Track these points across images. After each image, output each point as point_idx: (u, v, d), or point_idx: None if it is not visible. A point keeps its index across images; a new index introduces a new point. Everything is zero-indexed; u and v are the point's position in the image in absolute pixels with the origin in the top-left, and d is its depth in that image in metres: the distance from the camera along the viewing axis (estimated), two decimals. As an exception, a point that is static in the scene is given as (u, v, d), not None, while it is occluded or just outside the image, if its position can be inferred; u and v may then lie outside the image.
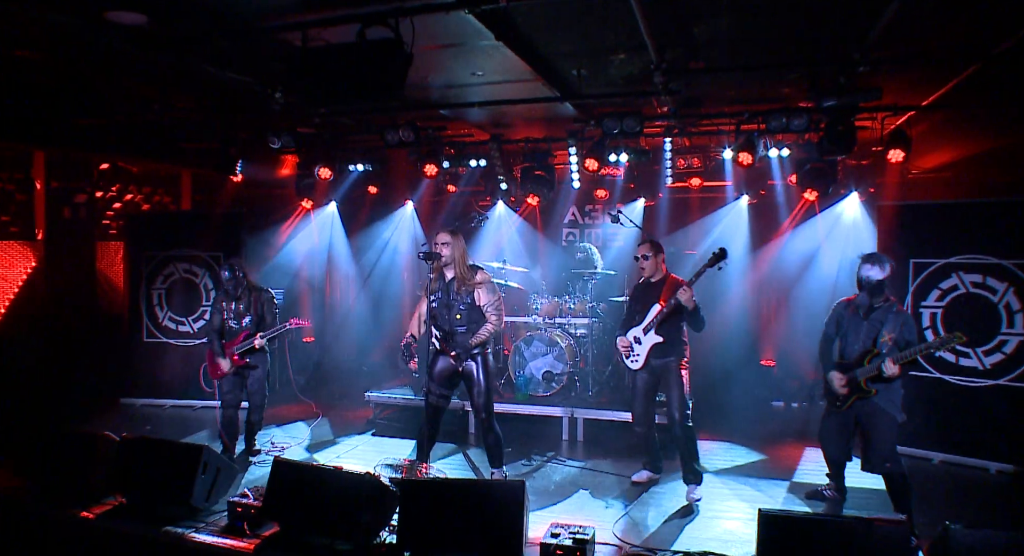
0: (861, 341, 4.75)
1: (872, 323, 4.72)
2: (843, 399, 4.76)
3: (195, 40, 4.42)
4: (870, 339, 4.69)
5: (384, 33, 3.88)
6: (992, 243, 5.96)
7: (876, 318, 4.70)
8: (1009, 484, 5.76)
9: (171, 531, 4.72)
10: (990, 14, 4.31)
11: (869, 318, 4.73)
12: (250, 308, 6.36)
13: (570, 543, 4.06)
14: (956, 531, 3.53)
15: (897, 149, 5.97)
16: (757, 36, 4.70)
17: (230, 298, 6.37)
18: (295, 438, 7.05)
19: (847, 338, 4.86)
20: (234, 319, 6.36)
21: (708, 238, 9.01)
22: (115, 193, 9.88)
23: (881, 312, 4.69)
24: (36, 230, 8.78)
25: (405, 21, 3.76)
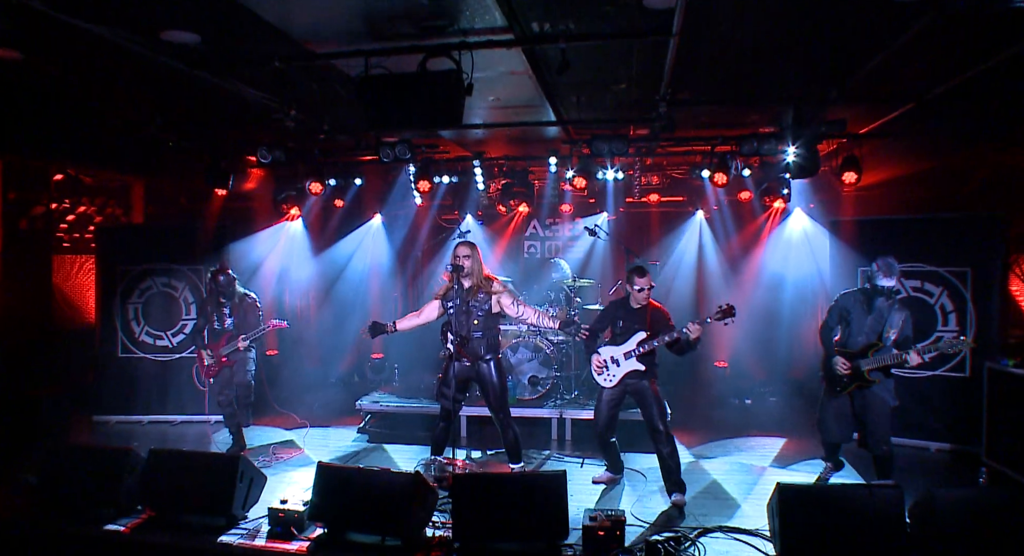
0: (866, 334, 5.26)
1: (876, 318, 5.22)
2: (843, 384, 5.32)
3: (248, 62, 4.64)
4: (875, 333, 5.21)
5: (443, 64, 4.28)
6: (928, 253, 6.93)
7: (880, 313, 5.21)
8: (947, 460, 6.70)
9: (220, 541, 4.86)
10: (933, 65, 5.16)
11: (873, 312, 5.23)
12: (233, 311, 6.79)
13: (609, 524, 4.55)
14: (938, 491, 4.27)
15: (851, 171, 6.86)
16: (752, 75, 5.38)
17: (218, 302, 6.78)
18: (293, 448, 7.19)
19: (851, 328, 5.35)
20: (218, 321, 6.80)
21: (671, 250, 9.75)
22: (68, 205, 9.66)
23: (885, 308, 5.20)
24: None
25: (466, 53, 4.17)
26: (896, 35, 4.25)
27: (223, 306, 6.75)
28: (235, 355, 6.65)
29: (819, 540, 4.26)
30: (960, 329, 6.83)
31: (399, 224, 10.61)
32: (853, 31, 4.32)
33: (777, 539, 4.37)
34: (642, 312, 5.61)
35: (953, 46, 4.70)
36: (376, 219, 10.46)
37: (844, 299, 5.52)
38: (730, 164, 6.92)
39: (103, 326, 8.57)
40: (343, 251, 10.58)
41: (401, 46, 4.30)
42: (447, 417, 5.85)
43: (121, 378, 8.42)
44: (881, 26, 4.17)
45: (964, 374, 6.77)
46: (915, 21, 3.97)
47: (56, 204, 9.40)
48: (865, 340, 5.30)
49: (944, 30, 4.24)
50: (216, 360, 6.68)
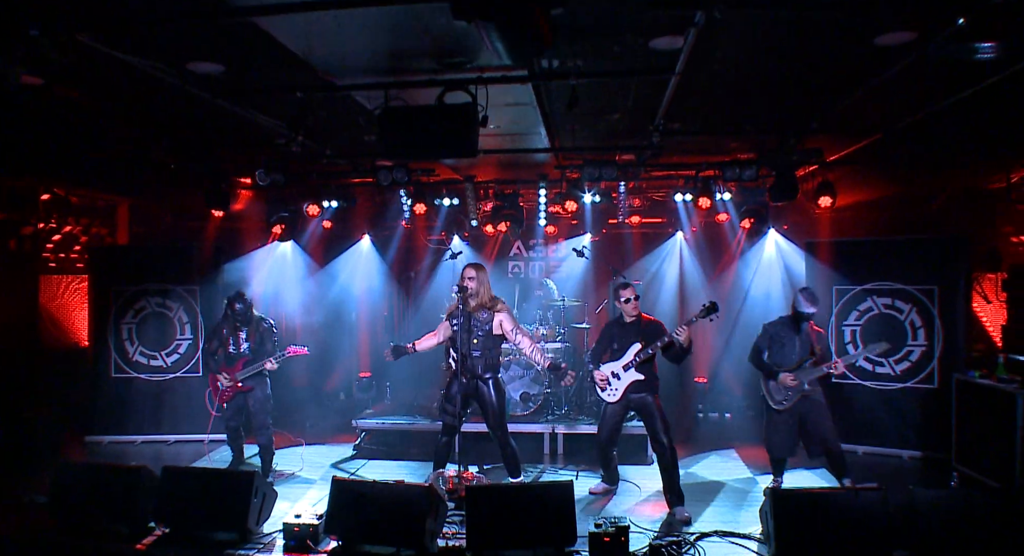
0: (798, 352, 5.98)
1: (803, 339, 5.99)
2: (788, 397, 5.90)
3: (268, 91, 4.88)
4: (806, 350, 5.96)
5: (457, 96, 4.58)
6: (898, 272, 7.41)
7: (806, 334, 5.99)
8: (919, 467, 7.12)
9: (236, 555, 5.00)
10: (899, 101, 5.63)
11: (800, 334, 5.99)
12: (250, 336, 6.77)
13: (613, 530, 4.81)
14: (918, 492, 4.63)
15: (826, 196, 7.33)
16: (739, 108, 5.79)
17: (234, 327, 6.75)
18: (294, 465, 7.30)
19: (783, 350, 6.06)
20: (234, 346, 6.75)
21: (652, 269, 10.14)
22: (55, 225, 9.69)
23: (808, 330, 6.02)
24: (-22, 263, 8.51)
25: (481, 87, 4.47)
26: (876, 75, 4.67)
27: (239, 331, 6.70)
28: (250, 381, 6.62)
29: (811, 540, 4.59)
30: (928, 343, 7.29)
31: (387, 244, 10.82)
32: (836, 69, 4.73)
33: (772, 541, 4.67)
34: (635, 325, 5.93)
35: (918, 84, 5.15)
36: (365, 240, 10.65)
37: (771, 327, 6.22)
38: (713, 189, 7.33)
39: (96, 346, 8.60)
40: (332, 271, 10.74)
41: (420, 80, 4.59)
42: (449, 432, 6.07)
43: (114, 398, 8.44)
44: (862, 66, 4.58)
45: (933, 385, 7.21)
46: (894, 63, 4.39)
47: (43, 224, 9.42)
48: (798, 356, 5.96)
49: (910, 71, 4.68)
50: (232, 385, 6.65)
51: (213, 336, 6.92)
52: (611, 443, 6.10)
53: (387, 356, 6.26)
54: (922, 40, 3.95)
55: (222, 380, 6.67)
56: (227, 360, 6.77)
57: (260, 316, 6.92)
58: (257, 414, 6.74)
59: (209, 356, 6.84)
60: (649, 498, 6.18)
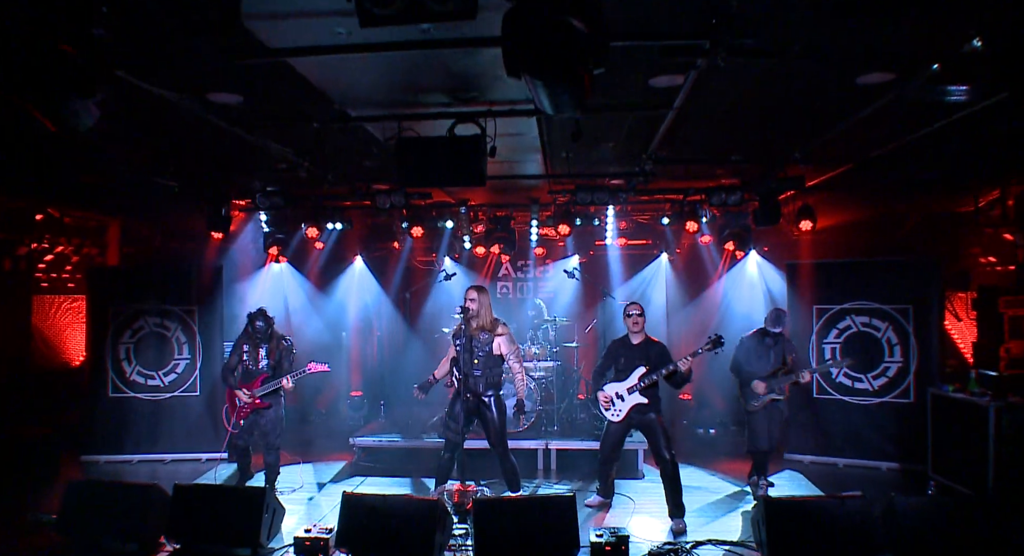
0: (772, 363, 6.54)
1: (777, 350, 6.53)
2: (760, 401, 6.45)
3: (284, 120, 5.10)
4: (779, 361, 6.54)
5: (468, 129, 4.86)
6: (875, 292, 7.80)
7: (779, 345, 6.57)
8: (898, 477, 7.45)
9: (252, 568, 5.14)
10: (876, 132, 6.03)
11: (775, 347, 6.54)
12: (270, 354, 6.84)
13: (614, 540, 5.05)
14: (899, 499, 4.94)
15: (806, 220, 7.72)
16: (728, 138, 6.15)
17: (255, 344, 6.82)
18: (293, 482, 7.41)
19: (759, 360, 6.59)
20: (253, 363, 6.81)
21: (638, 289, 10.46)
22: (47, 246, 9.76)
23: (781, 342, 6.61)
24: (-27, 283, 8.56)
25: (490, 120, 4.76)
26: (858, 111, 5.05)
27: (259, 347, 6.76)
28: (267, 398, 6.68)
29: (800, 546, 4.86)
30: (904, 359, 7.67)
31: (379, 265, 11.03)
32: (821, 105, 5.10)
33: (765, 547, 4.93)
34: (642, 348, 6.17)
35: (891, 118, 5.55)
36: (358, 261, 10.85)
37: (747, 340, 6.76)
38: (700, 213, 7.69)
39: (93, 366, 8.65)
40: (326, 291, 10.91)
41: (432, 112, 4.86)
42: (452, 449, 6.28)
43: (111, 417, 8.49)
44: (845, 103, 4.96)
45: (909, 400, 7.58)
46: (875, 101, 4.77)
47: (36, 244, 9.49)
48: (772, 366, 6.50)
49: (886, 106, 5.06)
50: (252, 401, 6.67)
51: (233, 352, 6.95)
52: (612, 459, 6.36)
53: (417, 395, 6.54)
54: (900, 80, 4.32)
55: (241, 396, 6.68)
56: (245, 376, 6.79)
57: (280, 334, 7.01)
58: (270, 433, 6.77)
59: (229, 372, 6.83)
60: (643, 510, 6.41)
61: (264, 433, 6.82)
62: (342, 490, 5.39)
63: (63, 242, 9.96)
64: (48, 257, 9.75)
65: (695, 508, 6.41)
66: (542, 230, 9.45)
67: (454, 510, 5.63)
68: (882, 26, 2.54)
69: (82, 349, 10.20)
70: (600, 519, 6.23)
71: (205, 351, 8.62)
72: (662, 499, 6.06)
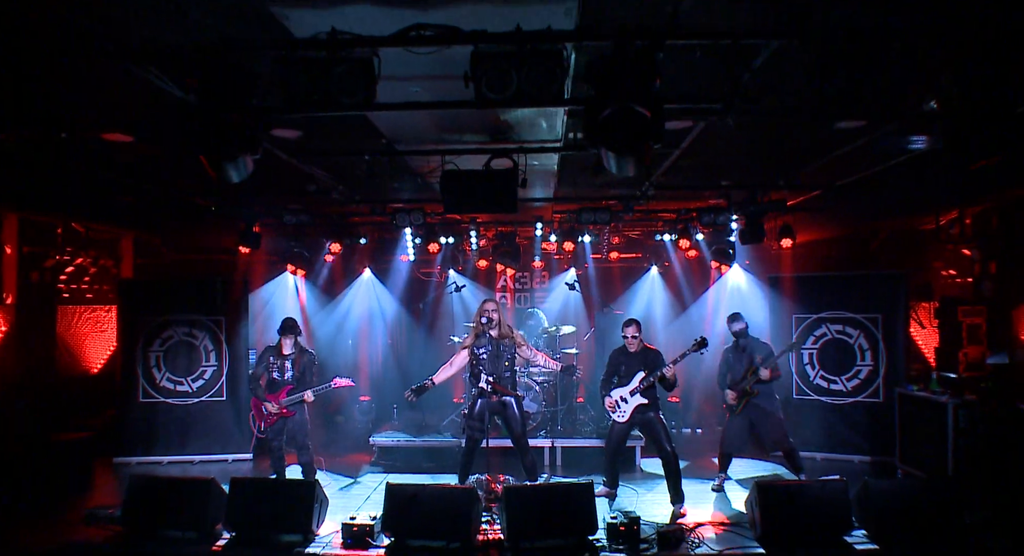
0: (744, 366, 7.33)
1: (748, 354, 7.35)
2: (739, 404, 7.26)
3: (342, 153, 5.77)
4: (749, 363, 7.31)
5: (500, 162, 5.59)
6: (848, 303, 8.67)
7: (749, 350, 7.37)
8: (869, 469, 8.29)
9: (306, 552, 5.76)
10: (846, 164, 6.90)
11: (745, 351, 7.35)
12: (295, 365, 7.38)
13: (627, 521, 5.78)
14: (872, 482, 5.74)
15: (787, 238, 8.59)
16: (722, 168, 6.97)
17: (282, 356, 7.37)
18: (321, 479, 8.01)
19: (735, 367, 7.41)
20: (279, 373, 7.33)
21: (631, 299, 11.27)
22: (68, 258, 10.26)
23: (750, 345, 7.37)
24: (5, 294, 9.02)
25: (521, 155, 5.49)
26: (835, 149, 5.89)
27: (286, 359, 7.28)
28: (294, 406, 7.20)
29: (788, 523, 5.63)
30: (874, 363, 8.54)
31: (386, 277, 11.69)
32: (805, 143, 5.92)
33: (758, 525, 5.70)
34: (640, 355, 6.94)
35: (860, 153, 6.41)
36: (367, 272, 11.50)
37: (725, 353, 7.60)
38: (691, 231, 8.49)
39: (125, 372, 9.17)
40: (338, 301, 11.54)
41: (472, 148, 5.57)
42: (473, 445, 6.95)
43: (142, 421, 9.02)
44: (825, 143, 5.79)
45: (879, 399, 8.45)
46: (851, 141, 5.60)
47: (59, 257, 9.99)
48: (744, 368, 7.34)
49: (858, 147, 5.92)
50: (279, 411, 7.19)
51: (258, 363, 7.42)
52: (617, 454, 7.13)
53: (409, 397, 6.88)
54: (871, 127, 5.14)
55: (268, 406, 7.18)
56: (270, 386, 7.28)
57: (306, 348, 7.54)
58: (297, 435, 7.30)
59: (255, 382, 7.32)
60: (645, 499, 7.15)
61: (292, 436, 7.33)
62: (367, 485, 5.99)
63: (82, 254, 10.47)
64: (69, 269, 10.25)
65: (690, 496, 7.16)
66: (544, 245, 10.19)
67: (486, 496, 6.31)
68: (862, 86, 3.25)
69: (101, 357, 10.72)
70: (610, 506, 6.95)
71: (231, 358, 9.19)
72: (661, 489, 6.81)
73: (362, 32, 3.20)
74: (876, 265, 9.67)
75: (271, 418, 7.28)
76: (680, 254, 10.70)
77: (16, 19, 3.27)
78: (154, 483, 6.31)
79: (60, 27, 3.19)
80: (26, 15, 3.18)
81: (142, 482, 6.31)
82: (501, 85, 3.20)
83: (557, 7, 3.06)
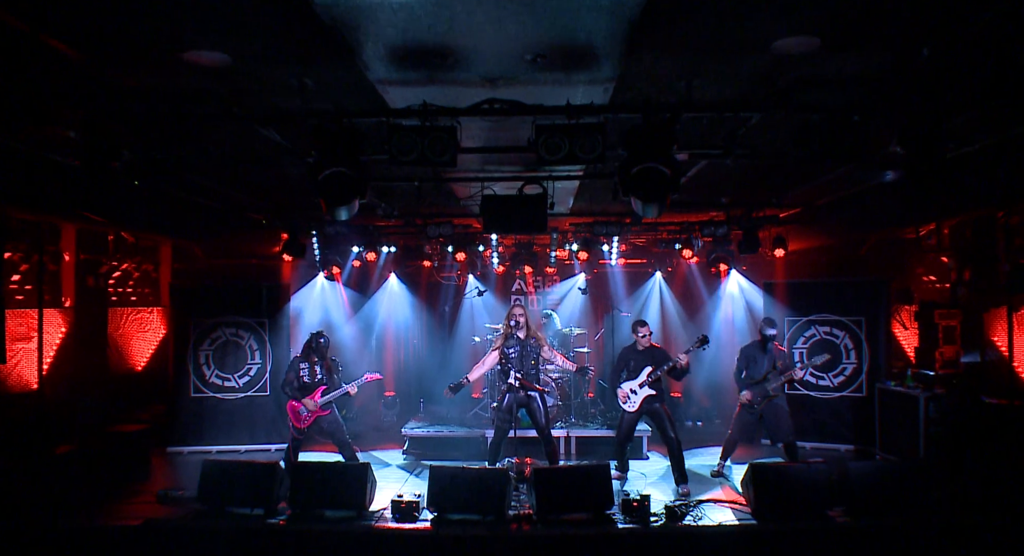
0: (766, 367, 8.07)
1: (769, 356, 8.10)
2: (757, 404, 7.98)
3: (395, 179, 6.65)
4: (771, 365, 8.05)
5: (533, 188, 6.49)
6: (835, 306, 9.60)
7: (771, 354, 8.08)
8: (852, 456, 9.21)
9: (362, 525, 6.65)
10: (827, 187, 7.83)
11: (767, 353, 8.09)
12: (324, 368, 8.22)
13: (639, 497, 6.68)
14: (851, 464, 6.66)
15: (780, 248, 9.52)
16: (720, 189, 7.88)
17: (312, 361, 8.18)
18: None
19: (755, 365, 8.15)
20: (309, 377, 8.15)
21: (637, 302, 12.20)
22: (116, 263, 11.13)
23: (773, 349, 8.09)
24: (63, 298, 9.89)
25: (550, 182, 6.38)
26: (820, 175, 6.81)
27: (317, 364, 8.07)
28: (328, 405, 8.01)
29: (778, 500, 6.54)
30: (858, 361, 9.47)
31: (410, 281, 12.60)
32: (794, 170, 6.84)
33: (752, 502, 6.62)
34: (647, 352, 7.87)
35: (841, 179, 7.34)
36: (392, 277, 12.40)
37: (746, 349, 8.35)
38: (693, 242, 9.42)
39: (177, 370, 10.06)
40: (362, 303, 12.44)
41: (507, 176, 6.46)
42: (502, 435, 7.84)
43: (193, 414, 9.91)
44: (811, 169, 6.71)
45: (862, 394, 9.38)
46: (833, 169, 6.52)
47: (111, 262, 10.85)
48: (766, 370, 8.05)
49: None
50: (316, 411, 7.97)
51: (289, 370, 8.21)
52: (627, 440, 8.07)
53: (448, 395, 7.77)
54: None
55: (308, 405, 7.95)
56: (303, 389, 8.05)
57: (327, 354, 8.37)
58: (335, 433, 8.10)
59: (289, 387, 8.05)
60: (653, 481, 8.07)
61: (331, 433, 8.13)
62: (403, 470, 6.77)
63: (128, 260, 11.35)
64: (116, 274, 11.12)
65: (693, 479, 8.09)
66: (558, 252, 11.10)
67: (516, 477, 7.21)
68: (832, 141, 4.13)
69: (144, 355, 11.60)
70: (621, 487, 7.86)
71: (274, 357, 10.08)
72: (667, 474, 7.73)
73: (445, 104, 4.07)
74: (864, 271, 10.58)
75: (308, 419, 8.06)
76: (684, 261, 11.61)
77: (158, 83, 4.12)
78: (225, 467, 7.18)
79: (202, 95, 4.05)
80: (173, 82, 4.05)
81: (215, 466, 7.18)
82: (555, 149, 4.08)
83: (597, 87, 3.94)
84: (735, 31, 3.56)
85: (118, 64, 3.85)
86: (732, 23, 3.47)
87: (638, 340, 7.92)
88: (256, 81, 3.99)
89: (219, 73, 3.88)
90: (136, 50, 3.66)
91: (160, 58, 3.74)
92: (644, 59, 3.83)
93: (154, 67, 3.84)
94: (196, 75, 3.91)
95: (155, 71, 3.88)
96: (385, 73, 3.83)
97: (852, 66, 3.85)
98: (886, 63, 3.86)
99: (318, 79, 4.00)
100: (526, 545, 6.36)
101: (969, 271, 9.36)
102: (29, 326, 8.88)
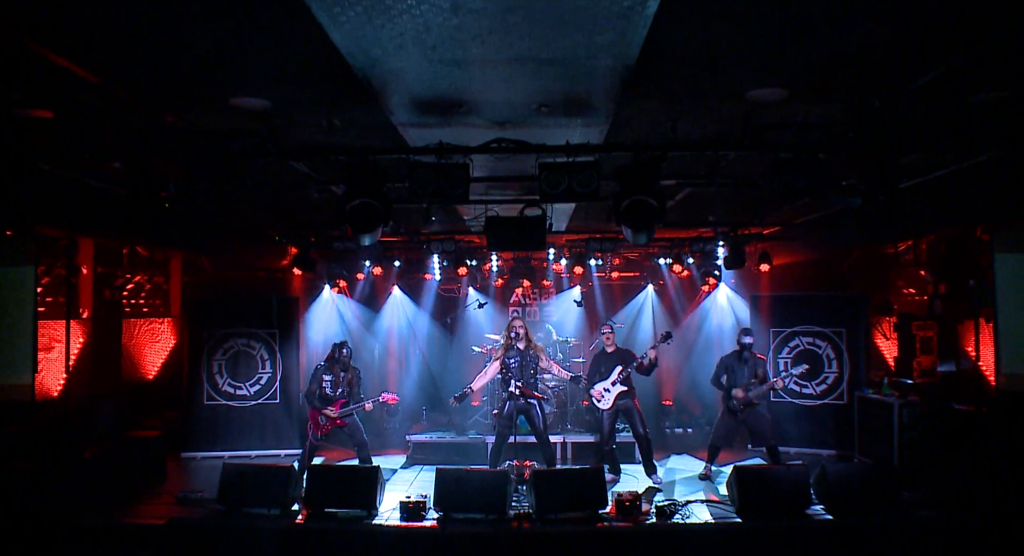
0: (746, 376, 8.59)
1: (749, 365, 8.61)
2: (740, 410, 8.48)
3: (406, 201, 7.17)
4: (752, 374, 8.58)
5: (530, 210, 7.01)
6: (818, 318, 10.13)
7: (751, 363, 8.60)
8: (832, 461, 9.70)
9: (372, 523, 7.12)
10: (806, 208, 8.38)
11: (747, 363, 8.59)
12: (346, 379, 8.66)
13: (631, 497, 7.17)
14: (829, 465, 7.17)
15: (765, 263, 10.06)
16: (708, 209, 8.43)
17: (334, 372, 8.62)
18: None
19: (734, 375, 8.66)
20: (331, 388, 8.59)
21: (630, 314, 12.72)
22: (129, 275, 11.58)
23: (753, 359, 8.62)
24: (81, 310, 10.33)
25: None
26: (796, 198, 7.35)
27: (338, 375, 8.51)
28: (347, 417, 8.47)
29: (760, 500, 7.04)
30: (839, 371, 10.00)
31: (413, 294, 13.11)
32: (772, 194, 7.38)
33: (736, 502, 7.12)
34: (615, 355, 8.58)
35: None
36: (396, 290, 12.90)
37: (726, 359, 8.87)
38: (683, 257, 9.96)
39: (191, 378, 10.51)
40: (372, 315, 12.94)
41: (509, 199, 6.99)
42: (502, 441, 8.33)
43: (206, 421, 10.36)
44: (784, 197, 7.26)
45: (843, 401, 9.90)
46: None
47: (126, 275, 11.30)
48: (746, 379, 8.57)
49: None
50: (335, 420, 8.41)
51: (312, 380, 8.64)
52: (610, 438, 8.62)
53: (453, 404, 8.34)
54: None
55: (330, 413, 8.38)
56: (323, 400, 8.49)
57: (350, 363, 8.77)
58: (355, 434, 8.55)
59: (312, 396, 8.52)
60: (643, 484, 8.56)
61: (350, 434, 8.60)
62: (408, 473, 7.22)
63: (140, 272, 11.81)
64: (129, 286, 11.58)
65: (680, 481, 8.60)
66: (554, 266, 11.64)
67: (516, 478, 7.70)
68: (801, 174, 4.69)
69: (155, 364, 12.04)
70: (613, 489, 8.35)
71: (284, 366, 10.55)
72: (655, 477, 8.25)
73: (458, 142, 4.60)
74: (847, 284, 11.14)
75: (327, 427, 8.52)
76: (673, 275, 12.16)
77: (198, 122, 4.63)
78: (243, 470, 7.63)
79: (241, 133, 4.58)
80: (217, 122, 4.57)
81: (233, 470, 7.62)
82: (556, 184, 4.62)
83: (593, 129, 4.48)
84: (714, 83, 4.11)
85: (172, 108, 4.36)
86: (710, 77, 4.01)
87: (603, 341, 8.53)
88: (290, 121, 4.50)
89: (259, 115, 4.40)
90: (189, 97, 4.17)
91: (210, 103, 4.25)
92: (634, 105, 4.37)
93: (203, 110, 4.35)
94: (238, 117, 4.42)
95: (203, 114, 4.39)
96: (407, 118, 4.36)
97: (816, 113, 4.42)
98: (845, 111, 4.42)
99: (345, 119, 4.52)
100: (526, 542, 6.84)
101: (944, 285, 9.93)
102: (51, 337, 9.34)
